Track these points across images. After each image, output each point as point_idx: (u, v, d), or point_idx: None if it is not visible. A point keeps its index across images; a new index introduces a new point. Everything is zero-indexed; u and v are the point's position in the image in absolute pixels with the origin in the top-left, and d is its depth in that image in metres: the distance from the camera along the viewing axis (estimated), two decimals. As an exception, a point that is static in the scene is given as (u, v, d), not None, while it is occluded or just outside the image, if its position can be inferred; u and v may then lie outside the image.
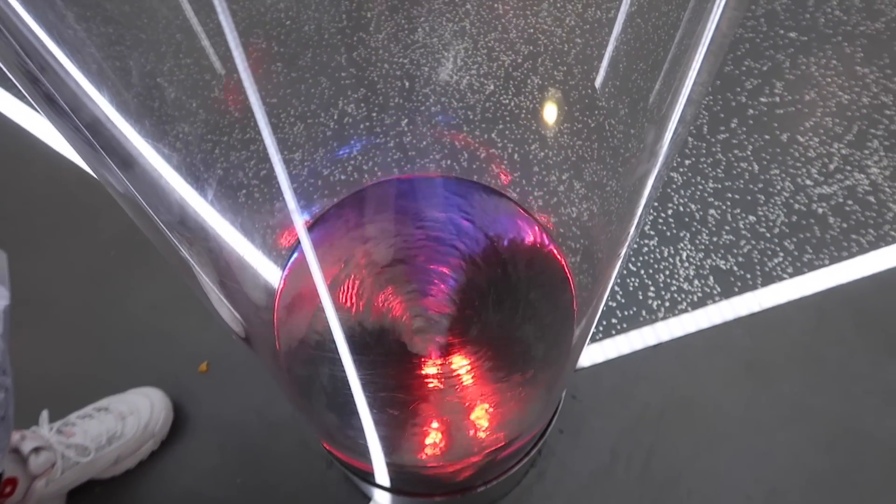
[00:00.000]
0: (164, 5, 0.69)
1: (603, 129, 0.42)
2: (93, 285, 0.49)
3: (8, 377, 0.27)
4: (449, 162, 0.51)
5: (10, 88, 0.58)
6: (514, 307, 0.37)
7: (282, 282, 0.34)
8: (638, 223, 0.25)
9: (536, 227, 0.42)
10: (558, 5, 0.48)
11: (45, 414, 0.40)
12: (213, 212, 0.29)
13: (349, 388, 0.28)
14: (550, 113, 0.50)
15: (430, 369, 0.33)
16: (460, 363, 0.34)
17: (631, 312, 0.47)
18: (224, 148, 0.60)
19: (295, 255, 0.35)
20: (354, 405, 0.28)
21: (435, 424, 0.32)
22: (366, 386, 0.29)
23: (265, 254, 0.35)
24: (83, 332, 0.48)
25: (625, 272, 0.49)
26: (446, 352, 0.34)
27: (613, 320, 0.47)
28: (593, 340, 0.47)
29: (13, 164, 0.55)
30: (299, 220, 0.34)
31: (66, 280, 0.50)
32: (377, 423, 0.29)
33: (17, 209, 0.53)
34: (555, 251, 0.40)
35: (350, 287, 0.35)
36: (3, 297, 0.27)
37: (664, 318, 0.47)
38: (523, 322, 0.37)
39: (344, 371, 0.28)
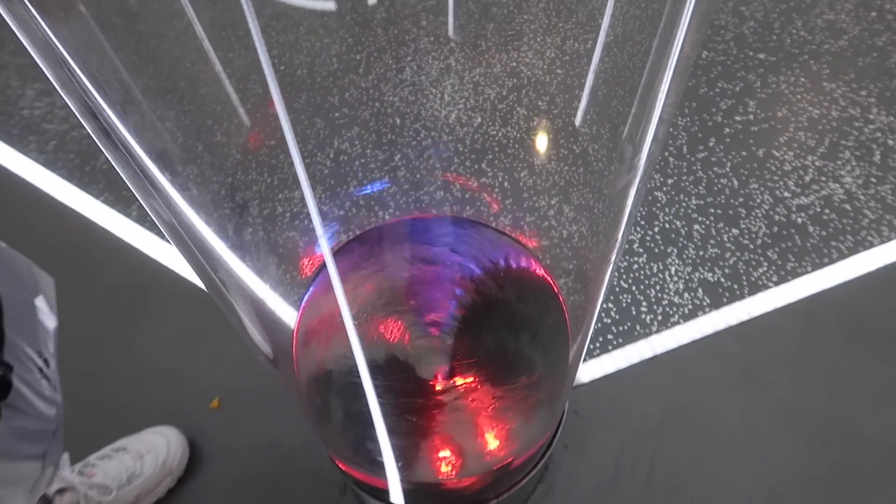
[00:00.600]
0: (167, 55, 0.71)
1: (587, 155, 0.44)
2: (102, 330, 0.51)
3: (59, 394, 0.29)
4: (442, 193, 0.53)
5: (15, 144, 0.60)
6: (511, 329, 0.39)
7: (299, 312, 0.35)
8: (622, 238, 0.27)
9: (528, 255, 0.44)
10: (538, 39, 0.50)
11: (66, 456, 0.41)
12: (227, 248, 0.30)
13: (366, 408, 0.30)
14: (536, 141, 0.52)
15: (438, 389, 0.35)
16: (466, 383, 0.35)
17: (626, 328, 0.49)
18: (229, 189, 0.62)
19: (311, 288, 0.37)
20: (371, 423, 0.29)
21: (446, 440, 0.33)
22: (382, 404, 0.30)
23: (276, 289, 0.37)
24: (97, 377, 0.49)
25: (617, 289, 0.51)
26: (451, 373, 0.36)
27: (609, 336, 0.49)
28: (591, 356, 0.49)
29: (20, 216, 0.57)
30: (328, 254, 0.37)
31: (76, 327, 0.51)
32: (392, 436, 0.30)
33: (25, 260, 0.54)
34: (546, 276, 0.42)
35: (361, 317, 0.37)
36: (52, 320, 0.29)
37: (658, 331, 0.49)
38: (521, 342, 0.39)
39: (361, 391, 0.30)
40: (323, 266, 0.42)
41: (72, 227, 0.56)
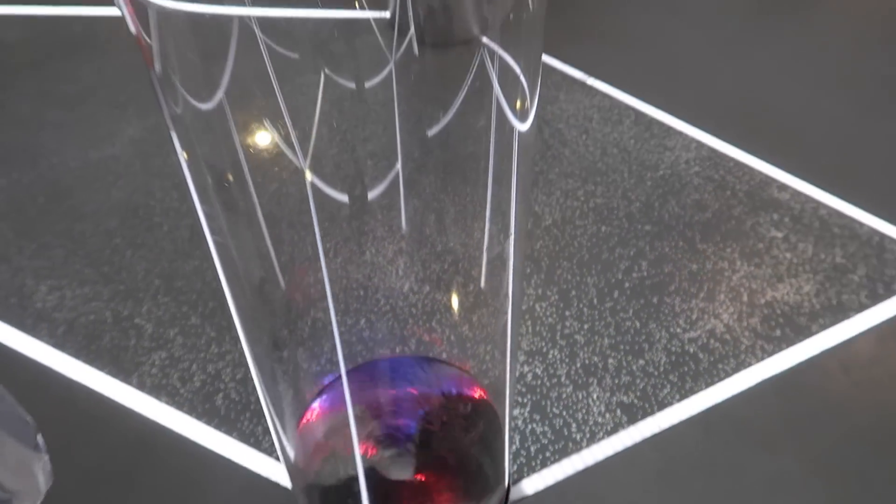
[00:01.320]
0: (143, 260, 0.89)
1: (506, 312, 0.57)
2: (104, 486, 0.57)
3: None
4: (402, 347, 0.64)
5: (28, 331, 0.70)
6: (460, 440, 0.49)
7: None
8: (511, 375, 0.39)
9: (474, 384, 0.56)
10: (468, 223, 0.65)
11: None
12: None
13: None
14: (472, 303, 0.66)
15: (405, 489, 0.44)
16: (426, 483, 0.45)
17: (560, 446, 0.59)
18: (201, 363, 0.74)
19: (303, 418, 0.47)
20: None
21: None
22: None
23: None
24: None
25: (550, 415, 0.61)
26: (416, 473, 0.45)
27: (547, 454, 0.58)
28: (533, 471, 0.57)
29: (32, 392, 0.65)
30: (348, 397, 0.47)
31: (82, 485, 0.57)
32: None
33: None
34: (487, 397, 0.54)
35: (341, 437, 0.47)
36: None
37: (587, 446, 0.59)
38: (470, 448, 0.49)
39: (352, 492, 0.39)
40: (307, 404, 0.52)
41: (78, 396, 0.64)
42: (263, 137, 0.34)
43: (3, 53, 1.15)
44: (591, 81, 1.04)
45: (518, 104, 0.29)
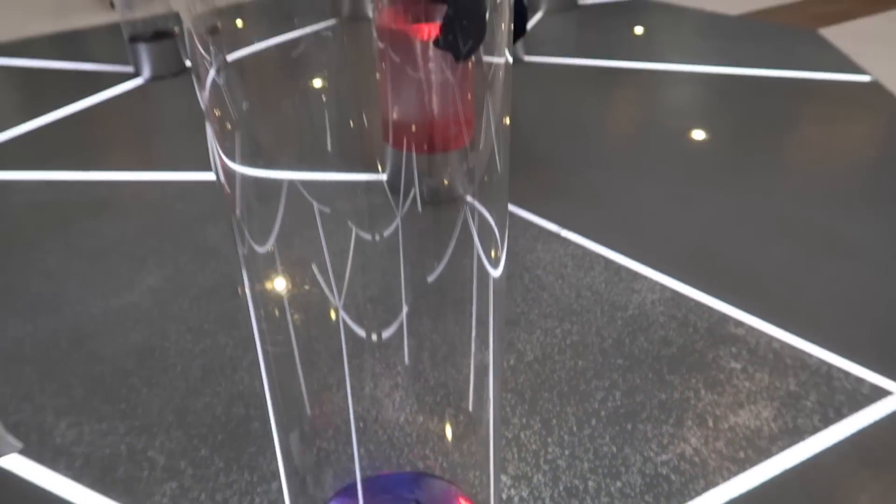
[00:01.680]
0: (158, 397, 0.98)
1: (487, 440, 0.65)
2: None
3: None
4: (400, 467, 0.71)
5: (47, 463, 0.75)
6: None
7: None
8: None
9: (465, 499, 0.62)
10: (456, 360, 0.74)
11: None
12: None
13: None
14: (462, 428, 0.73)
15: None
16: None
17: (547, 563, 0.63)
18: (209, 492, 0.80)
19: None
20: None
21: None
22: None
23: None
24: None
25: (537, 535, 0.66)
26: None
27: (535, 571, 0.62)
28: (523, 588, 0.61)
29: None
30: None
31: None
32: None
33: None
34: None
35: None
36: None
37: (572, 564, 0.63)
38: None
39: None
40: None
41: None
42: (301, 278, 0.43)
43: (35, 214, 1.27)
44: (565, 233, 1.17)
45: (492, 253, 0.39)
